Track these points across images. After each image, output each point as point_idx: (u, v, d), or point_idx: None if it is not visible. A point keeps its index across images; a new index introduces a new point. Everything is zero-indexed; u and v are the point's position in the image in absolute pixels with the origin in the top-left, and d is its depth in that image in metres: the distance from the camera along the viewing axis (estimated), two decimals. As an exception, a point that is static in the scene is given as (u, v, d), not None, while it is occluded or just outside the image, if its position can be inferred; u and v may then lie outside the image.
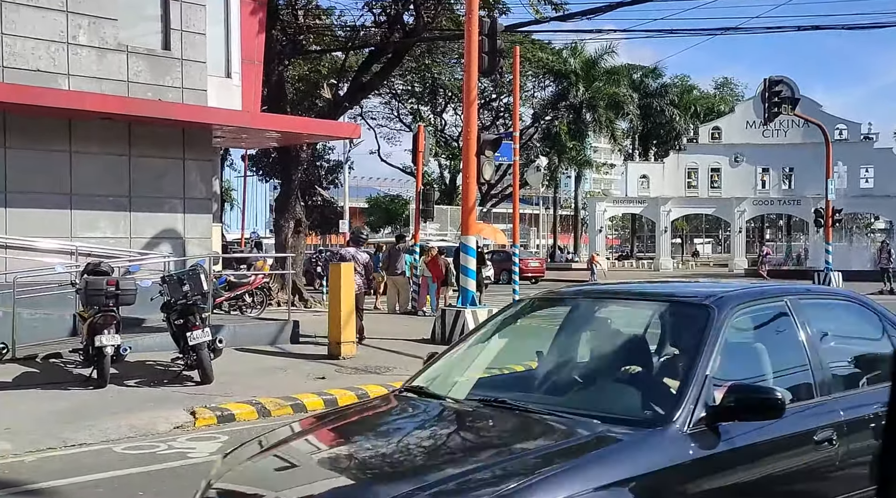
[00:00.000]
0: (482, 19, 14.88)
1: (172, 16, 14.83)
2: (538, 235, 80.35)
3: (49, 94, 12.89)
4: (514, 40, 29.67)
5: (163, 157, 14.72)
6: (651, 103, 60.07)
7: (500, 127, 49.23)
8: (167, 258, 14.43)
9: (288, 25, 24.25)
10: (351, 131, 21.26)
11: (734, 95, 70.54)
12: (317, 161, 48.69)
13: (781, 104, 26.33)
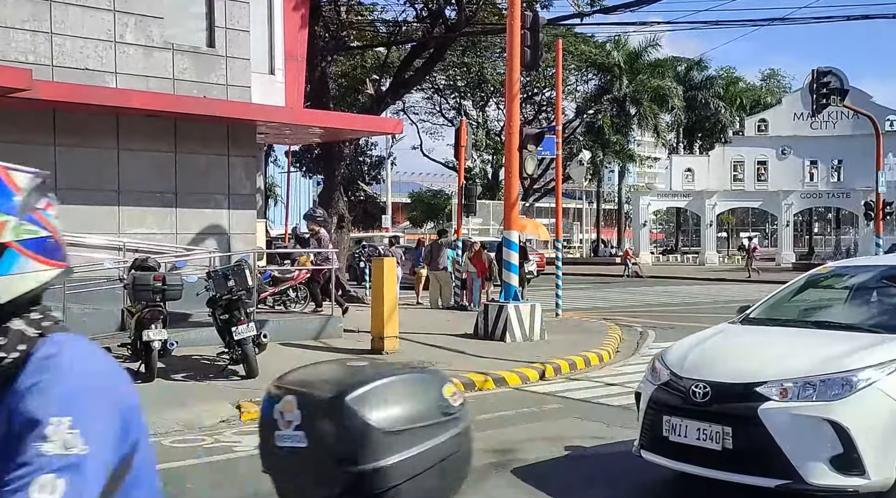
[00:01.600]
0: (524, 13, 14.79)
1: (217, 14, 14.97)
2: (581, 230, 79.93)
3: (97, 92, 13.08)
4: (556, 34, 29.44)
5: (208, 153, 14.87)
6: (696, 96, 59.34)
7: (543, 121, 49.01)
8: (212, 254, 14.59)
9: (330, 22, 24.35)
10: (393, 127, 21.32)
11: (781, 87, 69.41)
12: (359, 156, 48.91)
13: (830, 95, 25.83)
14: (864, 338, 5.87)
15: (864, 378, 5.36)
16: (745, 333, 6.77)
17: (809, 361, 5.61)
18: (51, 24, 13.18)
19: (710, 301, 25.33)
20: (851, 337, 5.95)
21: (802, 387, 5.42)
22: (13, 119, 12.74)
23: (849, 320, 6.60)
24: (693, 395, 5.69)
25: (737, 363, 5.94)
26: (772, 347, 6.23)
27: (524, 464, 7.02)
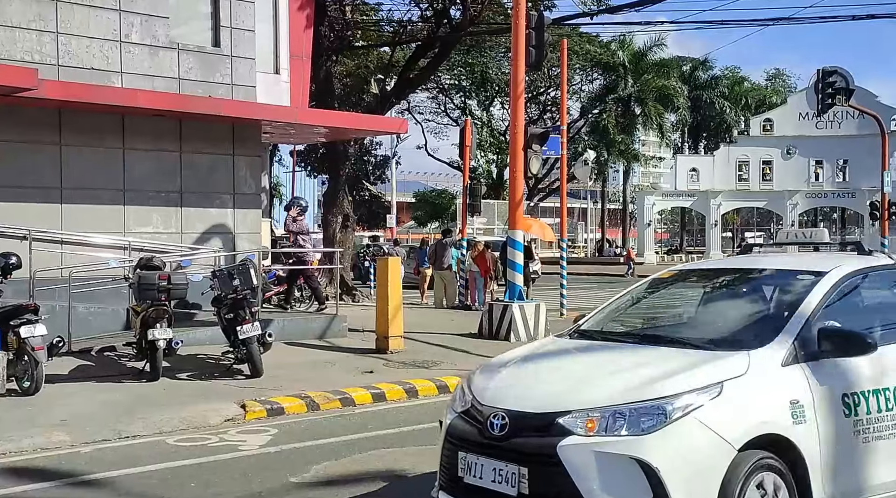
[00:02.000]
0: (529, 13, 14.80)
1: (222, 13, 14.98)
2: (586, 230, 79.89)
3: (103, 91, 13.10)
4: (561, 34, 29.45)
5: (213, 152, 14.89)
6: (701, 96, 59.29)
7: (548, 121, 49.00)
8: (217, 253, 14.62)
9: (335, 21, 24.36)
10: (398, 126, 21.31)
11: (786, 87, 69.25)
12: (364, 156, 48.96)
13: (835, 95, 25.79)
14: (692, 355, 4.96)
15: (681, 406, 4.44)
16: (568, 349, 5.72)
17: (624, 386, 4.67)
18: (56, 23, 13.21)
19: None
20: (680, 354, 5.03)
21: (612, 417, 4.48)
22: (19, 119, 12.77)
23: (680, 334, 5.74)
24: (490, 427, 4.75)
25: (543, 388, 4.97)
26: (587, 368, 5.24)
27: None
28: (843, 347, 4.93)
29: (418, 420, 8.76)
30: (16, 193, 12.85)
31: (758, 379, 4.70)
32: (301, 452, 7.54)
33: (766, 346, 4.89)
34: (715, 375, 4.63)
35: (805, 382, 4.80)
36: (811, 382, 4.81)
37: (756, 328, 5.37)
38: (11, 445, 7.53)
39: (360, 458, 7.33)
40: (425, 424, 8.48)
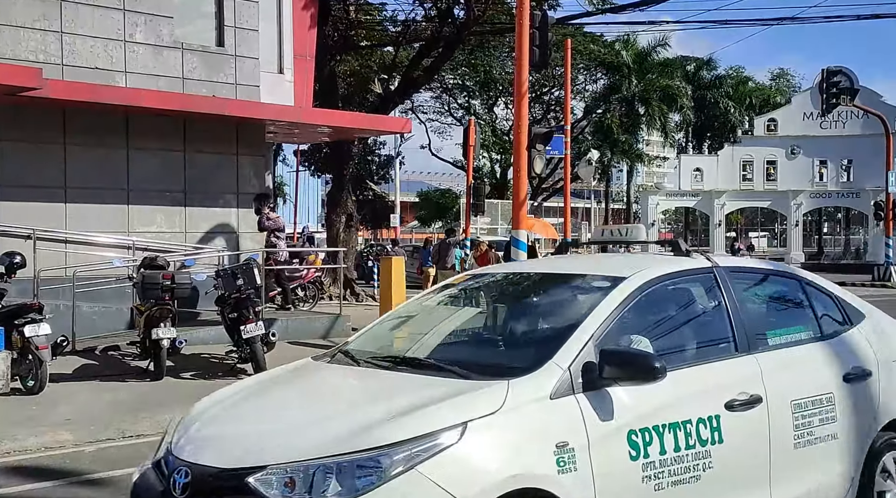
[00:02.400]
0: (533, 12, 14.78)
1: (226, 12, 15.01)
2: (590, 229, 79.86)
3: (107, 91, 13.13)
4: (565, 33, 29.42)
5: (217, 152, 14.91)
6: (705, 95, 59.21)
7: (552, 120, 48.97)
8: (221, 252, 14.64)
9: (339, 21, 24.37)
10: (401, 126, 21.32)
11: (791, 87, 69.14)
12: (368, 156, 48.93)
13: (840, 95, 25.83)
14: (446, 387, 3.88)
15: (402, 458, 3.43)
16: (310, 376, 4.81)
17: (341, 430, 3.60)
18: (61, 23, 13.23)
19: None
20: (433, 385, 3.95)
21: (317, 474, 3.43)
22: (23, 118, 12.80)
23: (449, 356, 4.63)
24: (174, 486, 3.76)
25: (245, 433, 3.91)
26: (311, 405, 4.22)
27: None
28: (628, 372, 3.90)
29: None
30: (20, 193, 12.88)
31: (514, 417, 3.67)
32: (304, 451, 7.53)
33: (532, 373, 3.87)
34: (458, 415, 3.59)
35: (580, 418, 3.78)
36: (588, 419, 3.79)
37: (526, 350, 4.46)
38: (16, 444, 7.54)
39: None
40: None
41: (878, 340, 5.18)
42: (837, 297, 5.29)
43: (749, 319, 4.71)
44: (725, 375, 4.42)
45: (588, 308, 4.28)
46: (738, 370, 4.47)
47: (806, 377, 4.73)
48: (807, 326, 5.03)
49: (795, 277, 5.33)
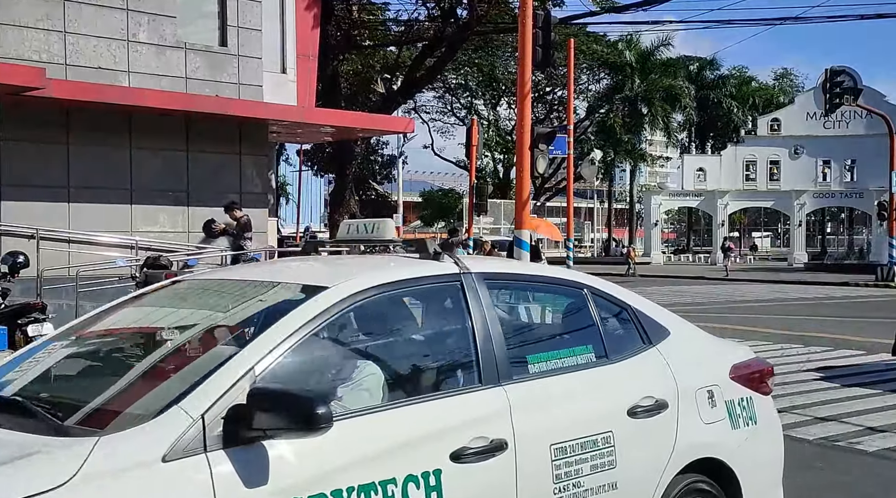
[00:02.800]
0: (536, 12, 14.78)
1: (229, 12, 15.01)
2: (593, 229, 79.85)
3: (110, 90, 13.14)
4: (568, 33, 29.41)
5: (219, 152, 14.92)
6: (708, 95, 59.19)
7: (554, 120, 48.97)
8: (224, 252, 14.64)
9: (342, 21, 24.41)
10: (404, 126, 21.32)
11: (794, 86, 69.11)
12: (371, 155, 48.96)
13: (843, 95, 25.78)
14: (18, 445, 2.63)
15: None
16: None
17: None
18: (64, 23, 13.25)
19: (722, 301, 25.25)
20: None
21: None
22: (27, 118, 12.81)
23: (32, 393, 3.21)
24: None
25: None
26: None
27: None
28: (282, 420, 2.74)
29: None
30: (23, 192, 12.89)
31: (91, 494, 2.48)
32: (307, 451, 7.52)
33: (142, 425, 2.69)
34: None
35: (209, 487, 2.65)
36: (223, 488, 2.66)
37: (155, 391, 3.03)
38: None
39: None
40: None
41: (682, 363, 4.18)
42: (635, 310, 4.25)
43: (504, 341, 3.64)
44: (457, 414, 3.31)
45: (259, 329, 3.16)
46: (477, 408, 3.38)
47: (575, 413, 3.68)
48: (588, 348, 3.97)
49: (579, 286, 4.19)
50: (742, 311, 21.49)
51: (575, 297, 4.24)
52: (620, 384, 3.94)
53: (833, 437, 7.81)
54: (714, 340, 4.76)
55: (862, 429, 8.09)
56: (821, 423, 8.39)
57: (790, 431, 8.06)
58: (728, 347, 4.79)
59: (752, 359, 4.63)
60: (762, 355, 13.21)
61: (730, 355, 4.55)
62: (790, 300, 23.73)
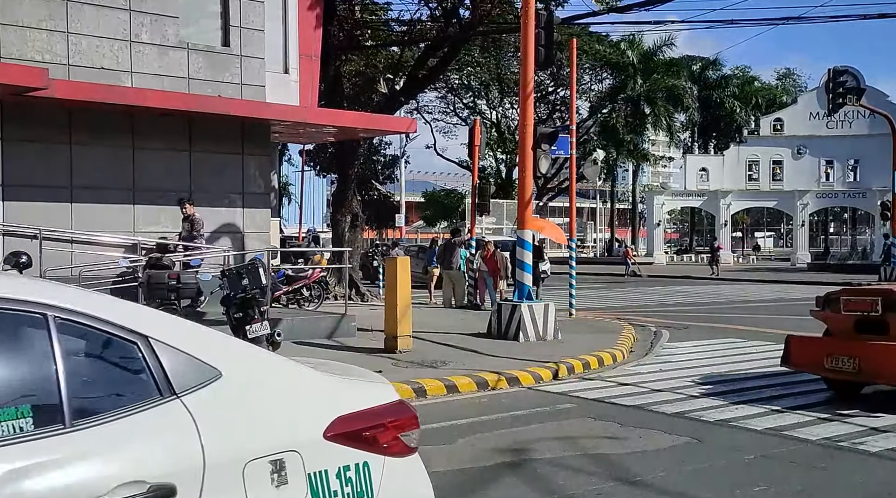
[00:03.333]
0: (538, 12, 14.78)
1: (231, 13, 15.01)
2: (595, 229, 79.78)
3: (113, 91, 13.15)
4: (570, 33, 29.38)
5: (222, 152, 14.92)
6: (711, 95, 59.16)
7: (557, 120, 48.92)
8: (227, 252, 14.64)
9: (344, 21, 24.38)
10: (407, 126, 21.30)
11: (797, 86, 69.03)
12: (373, 156, 48.99)
13: (846, 95, 25.75)
14: None
15: None
16: None
17: None
18: (67, 23, 13.26)
19: (725, 301, 25.23)
20: None
21: None
22: (29, 118, 12.83)
23: None
24: None
25: None
26: None
27: (537, 463, 7.01)
28: None
29: (426, 420, 8.73)
30: (26, 192, 12.91)
31: None
32: (309, 451, 7.51)
33: None
34: None
35: None
36: None
37: None
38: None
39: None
40: (433, 423, 8.47)
41: (227, 421, 2.81)
42: (155, 344, 2.79)
43: None
44: None
45: None
46: None
47: None
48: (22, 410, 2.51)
49: (39, 309, 2.67)
50: (745, 310, 21.48)
51: (26, 325, 2.67)
52: (73, 468, 2.49)
53: (836, 437, 7.80)
54: (317, 379, 3.22)
55: (865, 429, 8.08)
56: (823, 423, 8.38)
57: (793, 431, 8.07)
58: (342, 389, 3.24)
59: (379, 405, 3.19)
60: (765, 355, 13.20)
61: (337, 402, 3.09)
62: (793, 300, 23.71)
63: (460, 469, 6.90)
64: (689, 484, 6.43)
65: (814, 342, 9.95)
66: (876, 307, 9.02)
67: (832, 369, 9.33)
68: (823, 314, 9.88)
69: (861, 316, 9.21)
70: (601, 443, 7.77)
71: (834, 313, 9.61)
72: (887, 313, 8.94)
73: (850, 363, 9.09)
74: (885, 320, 8.98)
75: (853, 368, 9.07)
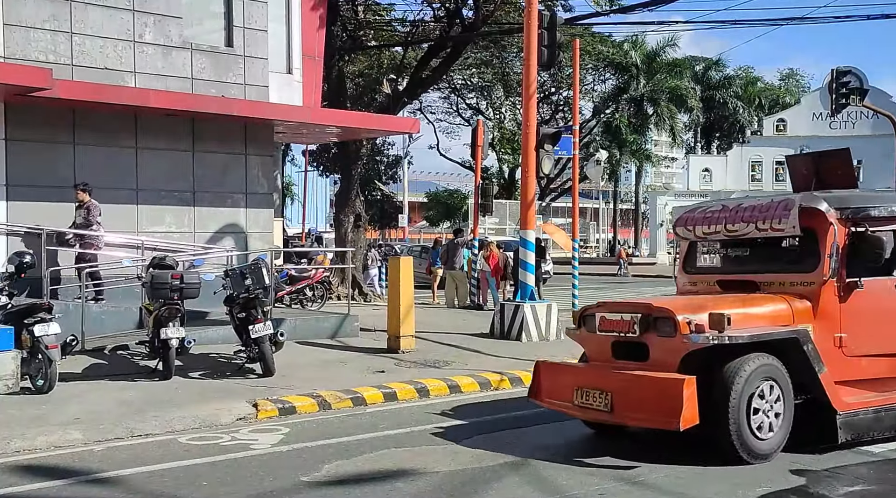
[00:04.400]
0: (541, 12, 14.79)
1: (235, 13, 15.03)
2: (598, 230, 79.72)
3: (116, 91, 13.17)
4: (573, 33, 29.37)
5: (225, 152, 14.94)
6: (714, 96, 59.09)
7: (560, 121, 48.91)
8: (230, 252, 14.66)
9: (348, 21, 24.40)
10: (410, 126, 21.33)
11: (800, 87, 68.95)
12: (376, 156, 49.00)
13: (849, 95, 25.69)
14: None
15: None
16: None
17: None
18: (70, 23, 13.28)
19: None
20: None
21: None
22: (33, 118, 12.85)
23: None
24: None
25: None
26: None
27: (539, 464, 7.01)
28: None
29: (430, 420, 8.76)
30: (30, 192, 12.93)
31: None
32: (312, 451, 7.55)
33: None
34: None
35: None
36: None
37: None
38: (25, 443, 7.57)
39: (371, 457, 7.34)
40: (437, 423, 8.49)
41: None
42: None
43: None
44: None
45: None
46: None
47: None
48: None
49: None
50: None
51: None
52: None
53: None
54: None
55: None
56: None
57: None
58: None
59: None
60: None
61: None
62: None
63: (461, 470, 6.91)
64: (691, 483, 6.43)
65: (565, 371, 8.03)
66: (633, 327, 7.19)
67: (582, 406, 7.39)
68: (579, 335, 7.95)
69: (618, 337, 7.37)
70: (605, 443, 7.77)
71: (590, 333, 7.70)
72: (646, 334, 7.13)
73: (602, 399, 7.17)
74: (644, 343, 7.17)
75: (605, 405, 7.14)
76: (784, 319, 7.30)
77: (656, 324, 7.08)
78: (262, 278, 11.04)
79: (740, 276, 8.09)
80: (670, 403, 6.60)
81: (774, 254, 8.11)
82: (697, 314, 6.95)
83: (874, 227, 7.47)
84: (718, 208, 8.36)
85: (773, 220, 7.60)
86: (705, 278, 8.49)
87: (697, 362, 6.90)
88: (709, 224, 8.25)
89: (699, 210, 8.59)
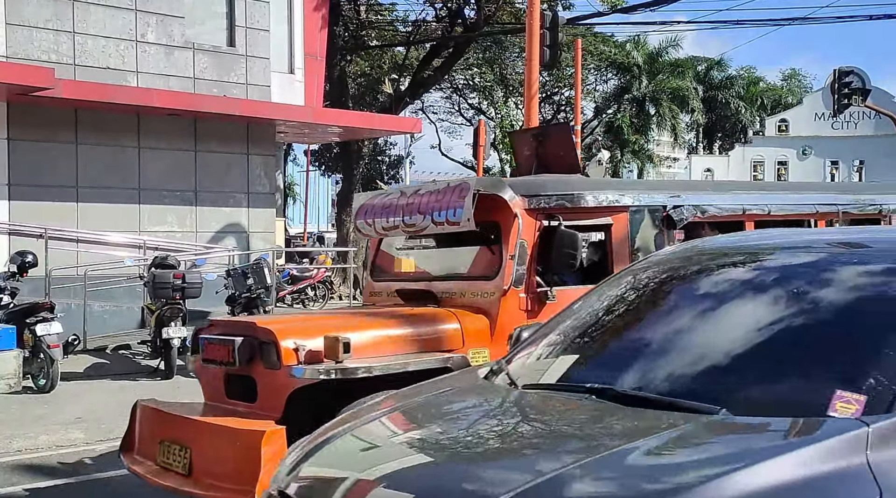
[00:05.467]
0: (543, 12, 14.80)
1: (237, 13, 15.05)
2: (600, 230, 79.69)
3: (119, 91, 13.19)
4: (575, 33, 29.37)
5: (227, 152, 14.95)
6: (716, 96, 59.05)
7: (562, 121, 48.90)
8: (232, 252, 14.67)
9: (350, 21, 24.41)
10: (412, 126, 21.34)
11: (802, 87, 68.90)
12: (378, 156, 48.99)
13: (852, 95, 25.65)
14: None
15: None
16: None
17: None
18: (73, 23, 13.29)
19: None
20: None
21: None
22: (36, 117, 12.87)
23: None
24: None
25: None
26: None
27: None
28: None
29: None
30: (32, 192, 12.95)
31: None
32: (314, 450, 7.53)
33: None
34: None
35: None
36: None
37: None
38: (27, 442, 7.58)
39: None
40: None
41: None
42: None
43: None
44: None
45: None
46: None
47: None
48: None
49: None
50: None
51: None
52: None
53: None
54: None
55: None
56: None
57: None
58: None
59: None
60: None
61: None
62: (798, 301, 23.68)
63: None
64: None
65: (158, 417, 5.56)
66: (232, 355, 5.14)
67: (164, 467, 5.14)
68: (196, 366, 5.91)
69: (227, 369, 5.32)
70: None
71: (204, 365, 5.62)
72: (252, 365, 5.14)
73: (181, 457, 5.02)
74: (251, 377, 5.20)
75: (183, 467, 4.97)
76: (450, 342, 5.40)
77: (262, 351, 5.09)
78: (263, 278, 11.06)
79: (419, 284, 6.29)
80: (249, 466, 4.48)
81: (458, 256, 6.47)
82: (311, 338, 4.96)
83: (571, 220, 5.68)
84: (397, 196, 6.36)
85: (447, 211, 5.71)
86: (388, 287, 6.49)
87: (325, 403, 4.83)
88: (387, 216, 6.28)
89: (379, 197, 6.68)
